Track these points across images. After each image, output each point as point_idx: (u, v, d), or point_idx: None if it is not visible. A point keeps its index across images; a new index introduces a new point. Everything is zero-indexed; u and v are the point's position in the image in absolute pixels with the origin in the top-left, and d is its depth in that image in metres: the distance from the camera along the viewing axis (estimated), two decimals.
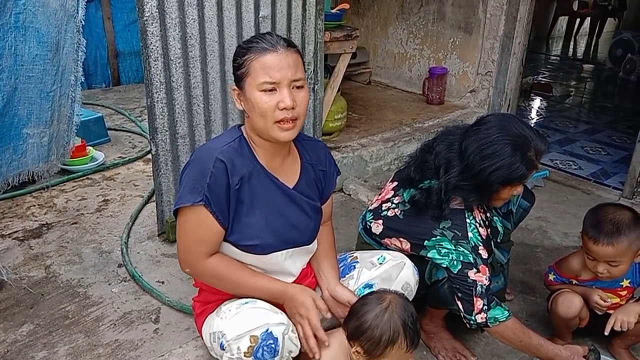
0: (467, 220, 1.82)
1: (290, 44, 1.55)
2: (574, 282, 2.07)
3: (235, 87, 1.59)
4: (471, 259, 1.76)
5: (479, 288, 1.75)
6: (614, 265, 1.87)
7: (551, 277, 2.13)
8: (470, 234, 1.79)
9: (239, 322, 1.51)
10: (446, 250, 1.78)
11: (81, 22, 2.45)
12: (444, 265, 1.79)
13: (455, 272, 1.76)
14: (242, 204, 1.58)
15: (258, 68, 1.49)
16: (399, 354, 1.51)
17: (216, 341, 1.57)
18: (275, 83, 1.49)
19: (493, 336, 1.87)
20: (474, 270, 1.75)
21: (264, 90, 1.49)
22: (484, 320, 1.77)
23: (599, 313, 2.02)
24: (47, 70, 2.35)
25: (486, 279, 1.76)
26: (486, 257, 1.79)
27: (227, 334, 1.50)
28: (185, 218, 1.56)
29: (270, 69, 1.48)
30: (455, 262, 1.76)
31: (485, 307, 1.76)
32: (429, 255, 1.82)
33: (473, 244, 1.78)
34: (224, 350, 1.51)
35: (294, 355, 1.57)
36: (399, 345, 1.50)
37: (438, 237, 1.80)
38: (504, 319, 1.77)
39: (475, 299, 1.75)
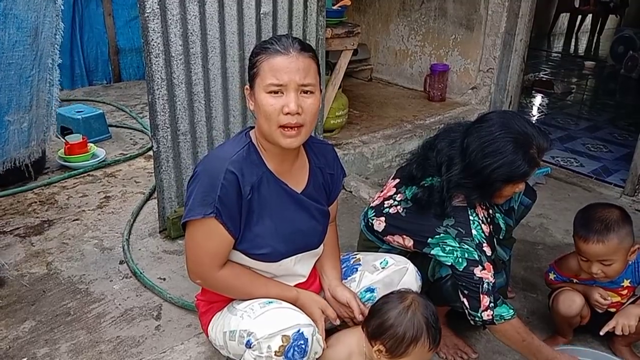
0: (470, 218, 1.81)
1: (305, 48, 1.52)
2: (575, 280, 2.06)
3: (248, 87, 1.58)
4: (476, 256, 1.76)
5: (485, 285, 1.75)
6: (607, 265, 1.87)
7: (552, 276, 2.13)
8: (474, 232, 1.79)
9: (268, 321, 1.51)
10: (450, 248, 1.78)
11: (61, 7, 2.44)
12: (449, 263, 1.78)
13: (461, 269, 1.76)
14: (253, 212, 1.57)
15: (267, 69, 1.48)
16: (422, 352, 1.52)
17: (236, 339, 1.56)
18: (282, 86, 1.46)
19: (496, 335, 1.86)
20: (480, 267, 1.75)
21: (271, 92, 1.47)
22: (490, 317, 1.76)
23: (600, 311, 2.02)
24: (27, 55, 2.35)
25: (491, 276, 1.76)
26: (490, 254, 1.79)
27: (256, 332, 1.49)
28: (195, 230, 1.54)
29: (278, 71, 1.46)
30: (460, 259, 1.76)
31: (492, 304, 1.76)
32: (433, 252, 1.82)
33: (477, 242, 1.78)
34: (250, 348, 1.50)
35: (317, 356, 1.57)
36: (422, 344, 1.51)
37: (442, 235, 1.80)
38: (510, 317, 1.77)
39: (481, 296, 1.75)
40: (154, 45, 2.29)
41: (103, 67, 5.32)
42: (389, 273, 1.80)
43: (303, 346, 1.47)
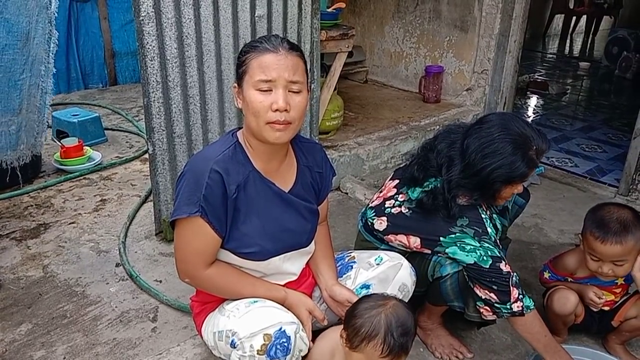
0: (482, 216, 1.85)
1: (293, 48, 1.54)
2: (570, 279, 2.08)
3: (236, 85, 1.59)
4: (497, 252, 1.79)
5: (514, 278, 1.79)
6: (619, 265, 1.87)
7: (546, 275, 2.14)
8: (489, 229, 1.83)
9: (251, 320, 1.52)
10: (471, 247, 1.79)
11: (54, 13, 2.45)
12: (471, 262, 1.78)
13: (487, 266, 1.77)
14: (239, 211, 1.58)
15: (256, 66, 1.50)
16: (373, 354, 1.48)
17: (223, 340, 1.57)
18: (271, 82, 1.48)
19: (521, 329, 1.86)
20: (503, 262, 1.79)
21: (260, 89, 1.49)
22: (520, 308, 1.80)
23: (594, 310, 2.03)
24: (17, 59, 2.35)
25: (513, 270, 1.81)
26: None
27: (238, 332, 1.50)
28: (182, 229, 1.56)
29: (267, 67, 1.48)
30: (484, 257, 1.77)
31: (521, 295, 1.80)
32: (448, 251, 1.82)
33: (493, 239, 1.82)
34: (234, 348, 1.51)
35: (303, 354, 1.58)
36: (374, 345, 1.47)
37: (458, 234, 1.81)
38: (533, 307, 1.82)
39: (512, 288, 1.78)
40: (149, 48, 2.30)
41: (99, 70, 5.33)
42: (384, 269, 1.80)
43: (285, 344, 1.47)
